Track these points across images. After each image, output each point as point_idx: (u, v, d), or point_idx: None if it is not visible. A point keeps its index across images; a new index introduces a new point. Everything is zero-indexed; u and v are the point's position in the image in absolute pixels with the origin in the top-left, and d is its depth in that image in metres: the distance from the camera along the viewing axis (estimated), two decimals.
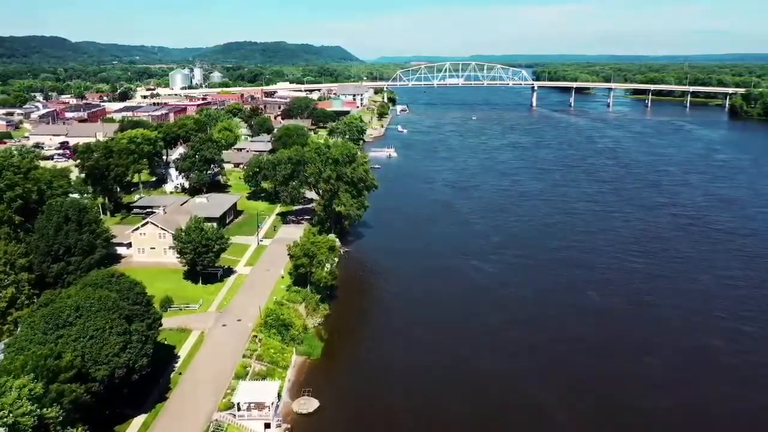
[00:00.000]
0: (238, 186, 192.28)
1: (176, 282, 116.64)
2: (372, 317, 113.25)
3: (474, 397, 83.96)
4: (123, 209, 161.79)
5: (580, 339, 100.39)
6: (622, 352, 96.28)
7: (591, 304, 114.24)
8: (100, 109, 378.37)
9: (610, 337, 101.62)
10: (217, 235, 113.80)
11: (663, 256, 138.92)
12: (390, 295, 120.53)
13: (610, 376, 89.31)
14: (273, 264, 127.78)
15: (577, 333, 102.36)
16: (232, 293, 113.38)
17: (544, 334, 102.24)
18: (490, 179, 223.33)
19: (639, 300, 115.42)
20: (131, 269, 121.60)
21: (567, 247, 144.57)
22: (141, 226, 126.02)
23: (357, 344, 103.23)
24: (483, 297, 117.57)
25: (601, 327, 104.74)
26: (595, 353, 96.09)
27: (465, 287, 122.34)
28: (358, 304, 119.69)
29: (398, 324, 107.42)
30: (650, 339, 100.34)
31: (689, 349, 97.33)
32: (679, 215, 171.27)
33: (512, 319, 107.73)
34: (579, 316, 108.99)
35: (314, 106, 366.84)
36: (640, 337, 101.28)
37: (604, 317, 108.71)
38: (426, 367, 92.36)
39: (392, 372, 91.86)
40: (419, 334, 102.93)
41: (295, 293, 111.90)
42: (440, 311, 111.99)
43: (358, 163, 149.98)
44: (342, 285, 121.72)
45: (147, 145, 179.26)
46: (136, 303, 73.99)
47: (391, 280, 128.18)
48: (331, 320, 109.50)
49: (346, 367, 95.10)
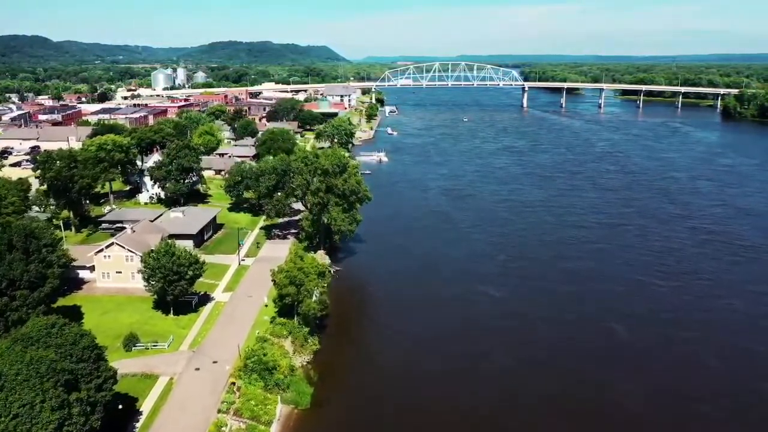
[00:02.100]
0: (220, 195, 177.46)
1: (144, 313, 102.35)
2: (367, 353, 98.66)
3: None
4: (90, 224, 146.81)
5: (609, 387, 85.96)
6: (665, 413, 79.98)
7: (617, 341, 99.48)
8: (76, 111, 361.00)
9: (645, 387, 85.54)
10: (191, 260, 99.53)
11: (689, 278, 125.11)
12: (386, 327, 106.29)
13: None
14: (255, 288, 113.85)
15: (604, 379, 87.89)
16: (208, 326, 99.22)
17: (566, 381, 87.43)
18: (488, 187, 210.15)
19: (671, 335, 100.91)
20: (93, 297, 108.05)
21: (581, 269, 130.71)
22: (105, 248, 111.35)
23: (351, 388, 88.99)
24: (492, 331, 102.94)
25: (632, 373, 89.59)
26: (631, 412, 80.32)
27: (471, 318, 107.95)
28: (352, 336, 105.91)
29: (397, 363, 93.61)
30: (690, 390, 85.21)
31: (743, 405, 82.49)
32: (698, 228, 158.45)
33: (527, 360, 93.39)
34: (605, 357, 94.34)
35: (301, 108, 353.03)
36: (678, 387, 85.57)
37: (633, 359, 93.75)
38: (430, 415, 78.97)
39: (392, 424, 78.33)
40: (420, 375, 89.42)
41: (280, 326, 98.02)
42: (444, 347, 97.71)
43: (349, 174, 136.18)
44: (333, 311, 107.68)
45: (118, 153, 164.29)
46: (82, 360, 59.86)
47: (387, 308, 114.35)
48: (321, 357, 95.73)
49: (338, 418, 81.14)
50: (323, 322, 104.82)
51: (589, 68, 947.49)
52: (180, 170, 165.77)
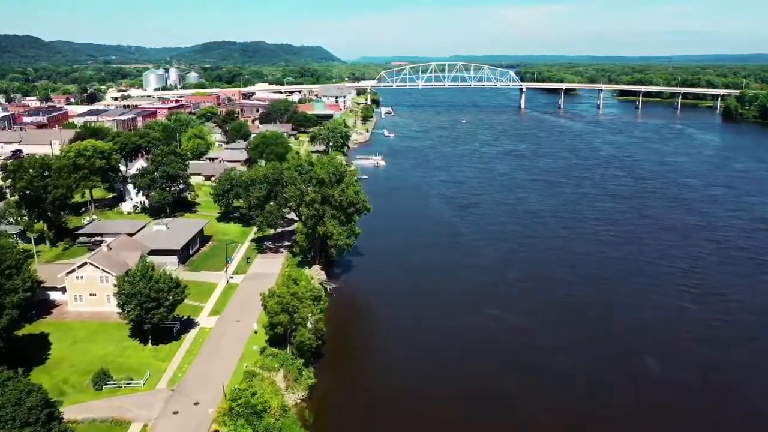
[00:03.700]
0: (209, 203, 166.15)
1: (119, 342, 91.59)
2: (368, 389, 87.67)
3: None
4: (67, 237, 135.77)
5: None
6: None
7: (652, 379, 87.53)
8: (62, 113, 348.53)
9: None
10: (171, 284, 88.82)
11: (722, 303, 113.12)
12: (389, 356, 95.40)
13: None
14: (244, 311, 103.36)
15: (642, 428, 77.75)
16: (190, 357, 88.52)
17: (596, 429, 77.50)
18: (491, 194, 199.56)
19: (710, 371, 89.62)
20: (64, 324, 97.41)
21: (603, 290, 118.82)
22: (77, 268, 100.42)
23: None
24: (509, 366, 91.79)
25: (673, 422, 78.79)
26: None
27: (484, 348, 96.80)
28: (351, 366, 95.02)
29: (401, 400, 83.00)
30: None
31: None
32: (723, 242, 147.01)
33: (552, 404, 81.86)
34: (639, 400, 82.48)
35: (294, 110, 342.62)
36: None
37: (672, 402, 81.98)
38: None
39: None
40: (429, 415, 79.04)
41: (271, 358, 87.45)
42: (454, 383, 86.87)
43: (347, 183, 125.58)
44: (330, 334, 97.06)
45: (99, 160, 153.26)
46: (28, 424, 49.24)
47: (389, 332, 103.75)
48: (317, 393, 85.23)
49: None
50: (319, 349, 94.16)
51: (585, 68, 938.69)
52: (165, 178, 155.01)
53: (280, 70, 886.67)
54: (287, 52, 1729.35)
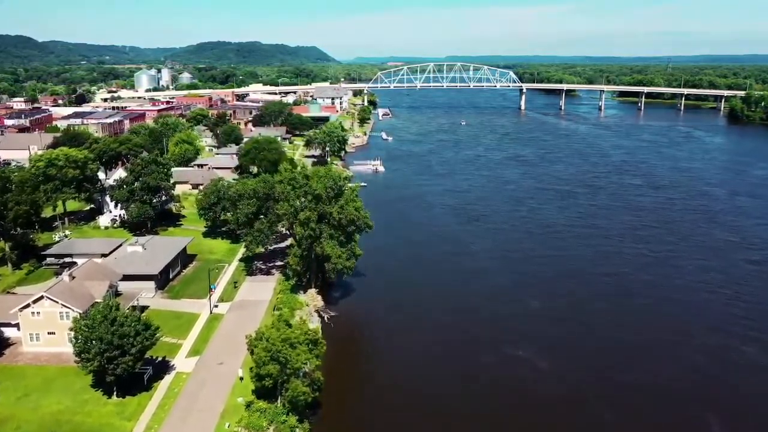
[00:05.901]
0: (196, 215, 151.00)
1: (79, 393, 77.27)
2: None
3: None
4: (33, 257, 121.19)
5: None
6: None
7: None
8: (46, 116, 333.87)
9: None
10: (139, 327, 74.62)
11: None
12: (396, 406, 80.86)
13: None
14: (229, 351, 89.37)
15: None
16: (161, 414, 74.25)
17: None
18: (500, 205, 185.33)
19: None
20: (15, 368, 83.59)
21: (637, 322, 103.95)
22: (33, 302, 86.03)
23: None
24: (535, 419, 77.94)
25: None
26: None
27: (507, 396, 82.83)
28: (353, 419, 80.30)
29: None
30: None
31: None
32: (764, 263, 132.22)
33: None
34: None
35: (289, 112, 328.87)
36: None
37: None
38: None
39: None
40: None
41: (258, 415, 73.29)
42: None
43: (346, 199, 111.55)
44: (328, 370, 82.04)
45: (72, 170, 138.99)
46: None
47: (397, 372, 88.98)
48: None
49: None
50: (316, 398, 79.70)
51: (583, 69, 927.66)
52: (146, 190, 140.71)
53: (275, 71, 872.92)
54: (282, 52, 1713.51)
